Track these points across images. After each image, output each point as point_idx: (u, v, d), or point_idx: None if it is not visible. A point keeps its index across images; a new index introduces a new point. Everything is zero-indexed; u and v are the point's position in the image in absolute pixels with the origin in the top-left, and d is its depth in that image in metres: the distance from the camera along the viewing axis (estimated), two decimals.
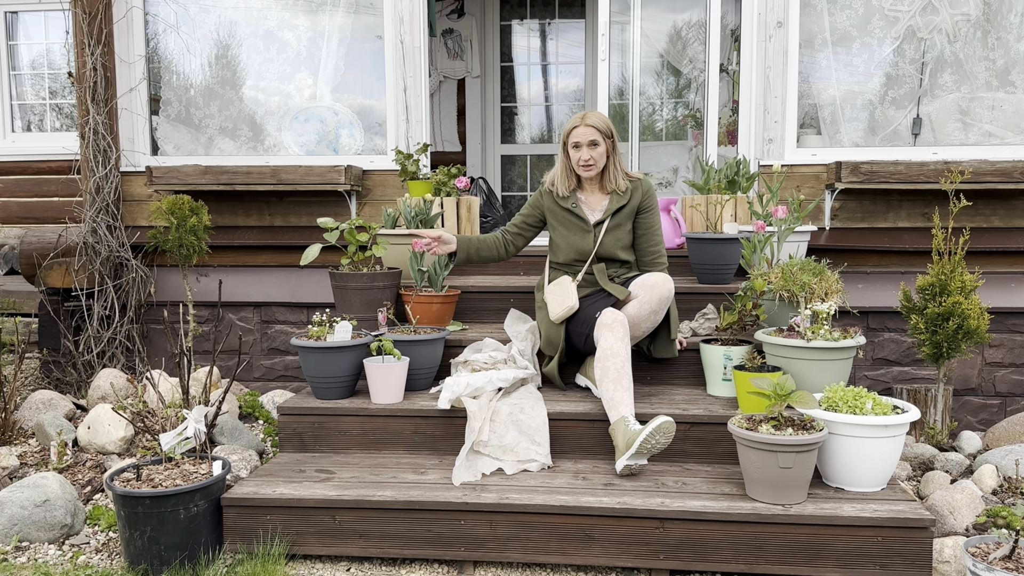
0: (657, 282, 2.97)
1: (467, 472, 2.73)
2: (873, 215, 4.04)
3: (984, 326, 3.14)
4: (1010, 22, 3.99)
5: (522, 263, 4.05)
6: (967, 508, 2.61)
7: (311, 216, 4.37)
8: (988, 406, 3.92)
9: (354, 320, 3.32)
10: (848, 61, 4.13)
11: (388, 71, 4.30)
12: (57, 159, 5.07)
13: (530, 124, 6.72)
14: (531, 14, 6.64)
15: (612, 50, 4.51)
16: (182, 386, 3.00)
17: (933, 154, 4.00)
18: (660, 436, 2.59)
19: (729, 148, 4.84)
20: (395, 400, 3.05)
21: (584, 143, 3.10)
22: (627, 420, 2.71)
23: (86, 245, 4.18)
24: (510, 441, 2.83)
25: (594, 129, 3.10)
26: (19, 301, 4.68)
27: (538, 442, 2.84)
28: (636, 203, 3.22)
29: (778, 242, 3.46)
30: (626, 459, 2.64)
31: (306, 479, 2.74)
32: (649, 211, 3.24)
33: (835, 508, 2.42)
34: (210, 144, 4.56)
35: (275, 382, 4.32)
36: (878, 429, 2.49)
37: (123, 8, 4.40)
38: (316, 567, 2.59)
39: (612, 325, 2.88)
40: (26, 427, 3.58)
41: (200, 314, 4.33)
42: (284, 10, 4.47)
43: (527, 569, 2.56)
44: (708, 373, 3.15)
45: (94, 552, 2.66)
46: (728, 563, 2.44)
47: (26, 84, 5.39)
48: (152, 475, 2.59)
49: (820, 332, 2.88)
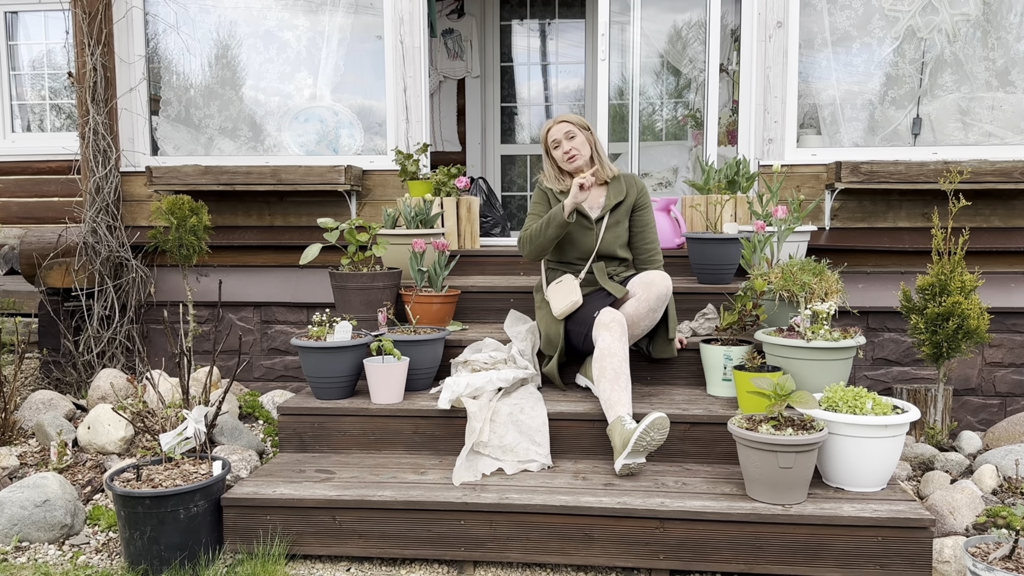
0: (655, 280, 2.99)
1: (467, 472, 2.73)
2: (873, 215, 4.04)
3: (984, 326, 3.14)
4: (1010, 22, 3.99)
5: (522, 263, 4.05)
6: (967, 508, 2.61)
7: (311, 216, 4.37)
8: (988, 406, 3.92)
9: (354, 320, 3.32)
10: (848, 61, 4.13)
11: (388, 71, 4.30)
12: (57, 159, 5.07)
13: (530, 124, 6.72)
14: (531, 14, 6.64)
15: (612, 50, 4.51)
16: (182, 386, 3.00)
17: (933, 154, 4.00)
18: (655, 432, 2.59)
19: (729, 148, 4.84)
20: (395, 400, 3.05)
21: (562, 138, 3.21)
22: (623, 420, 2.71)
23: (86, 245, 4.18)
24: (510, 441, 2.83)
25: (567, 123, 3.22)
26: (19, 301, 4.68)
27: (538, 442, 2.84)
28: (632, 200, 3.29)
29: (778, 242, 3.46)
30: (623, 458, 2.65)
31: (306, 479, 2.74)
32: (644, 209, 3.31)
33: (835, 508, 2.42)
34: (210, 144, 4.56)
35: (275, 382, 4.32)
36: (878, 429, 2.49)
37: (123, 8, 4.40)
38: (316, 567, 2.59)
39: (610, 325, 2.89)
40: (26, 427, 3.58)
41: (200, 314, 4.33)
42: (284, 10, 4.47)
43: (527, 569, 2.56)
44: (708, 373, 3.15)
45: (94, 552, 2.66)
46: (728, 563, 2.44)
47: (26, 84, 5.39)
48: (152, 475, 2.59)
49: (820, 332, 2.88)
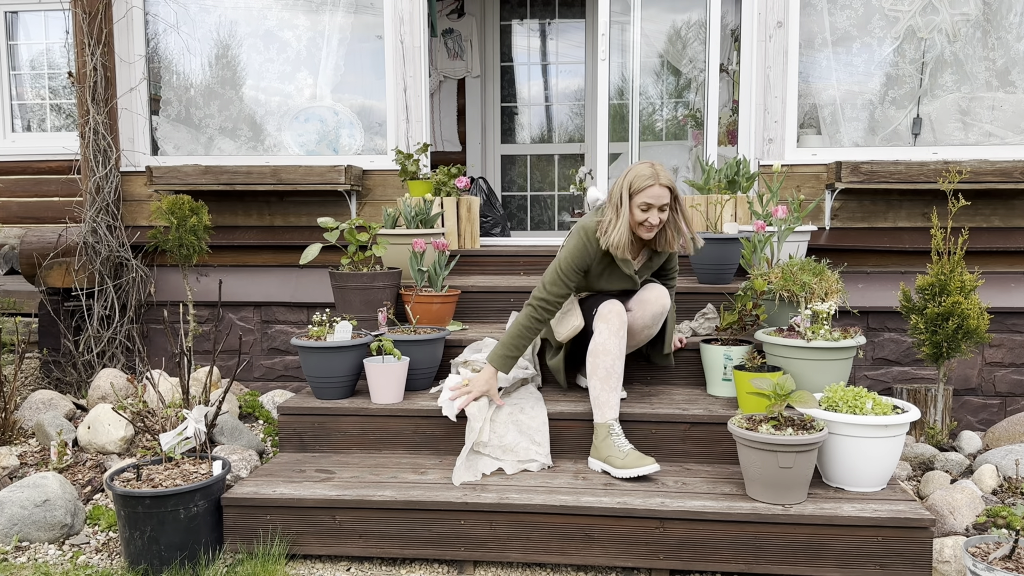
0: (650, 299, 2.93)
1: (467, 472, 2.73)
2: (873, 215, 4.04)
3: (984, 326, 3.14)
4: (1010, 22, 4.00)
5: (522, 263, 4.06)
6: (967, 508, 2.61)
7: (311, 216, 4.37)
8: (988, 406, 3.92)
9: (354, 320, 3.32)
10: (848, 61, 4.13)
11: (388, 71, 4.30)
12: (57, 159, 5.07)
13: (530, 124, 6.72)
14: (531, 14, 6.64)
15: (612, 50, 4.50)
16: (182, 386, 3.00)
17: (933, 154, 4.00)
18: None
19: (729, 148, 4.84)
20: (395, 400, 3.05)
21: (656, 205, 2.76)
22: (612, 428, 2.74)
23: (86, 245, 4.18)
24: (510, 441, 2.83)
25: (668, 191, 2.78)
26: (19, 301, 4.68)
27: (538, 442, 2.84)
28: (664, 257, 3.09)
29: (778, 242, 3.46)
30: (604, 466, 2.74)
31: (306, 479, 2.74)
32: (673, 256, 3.12)
33: (835, 508, 2.42)
34: (210, 144, 4.56)
35: (275, 382, 4.32)
36: (878, 429, 2.49)
37: (123, 8, 4.40)
38: (316, 567, 2.59)
39: (608, 316, 2.84)
40: (26, 427, 3.58)
41: (200, 314, 4.33)
42: (284, 10, 4.47)
43: (527, 569, 2.56)
44: (708, 373, 3.15)
45: (94, 552, 2.66)
46: (728, 563, 2.44)
47: (26, 84, 5.39)
48: (152, 475, 2.59)
49: (820, 332, 2.88)
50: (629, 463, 2.65)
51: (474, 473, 2.74)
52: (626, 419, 2.87)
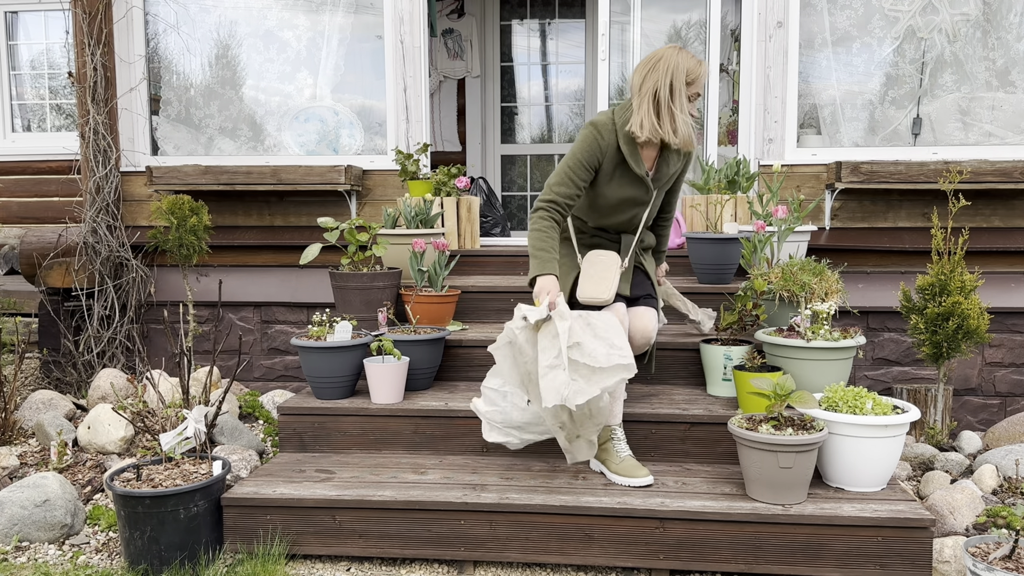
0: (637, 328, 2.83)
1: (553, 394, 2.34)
2: (873, 215, 4.04)
3: (984, 326, 3.14)
4: (1010, 22, 3.99)
5: (522, 263, 4.05)
6: (967, 508, 2.61)
7: (311, 216, 4.37)
8: (988, 406, 3.92)
9: (354, 320, 3.32)
10: (848, 61, 4.13)
11: (388, 71, 4.29)
12: (57, 159, 5.07)
13: (530, 124, 6.72)
14: (531, 14, 6.64)
15: (612, 50, 4.50)
16: (182, 386, 3.00)
17: (933, 154, 4.00)
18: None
19: (729, 148, 4.83)
20: (395, 400, 3.05)
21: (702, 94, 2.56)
22: (614, 433, 2.73)
23: (86, 245, 4.18)
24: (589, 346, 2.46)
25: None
26: (19, 301, 4.68)
27: (618, 345, 2.47)
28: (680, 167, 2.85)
29: (778, 242, 3.46)
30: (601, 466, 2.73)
31: (306, 479, 2.74)
32: (684, 172, 2.90)
33: (835, 508, 2.42)
34: (210, 144, 4.56)
35: (275, 382, 4.32)
36: (878, 429, 2.49)
37: (123, 8, 4.40)
38: (316, 567, 2.59)
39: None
40: (26, 427, 3.58)
41: (200, 314, 4.33)
42: (284, 10, 4.47)
43: (527, 569, 2.56)
44: (708, 373, 3.15)
45: (94, 552, 2.66)
46: (728, 563, 2.44)
47: (26, 84, 5.39)
48: (152, 475, 2.59)
49: (820, 332, 2.88)
50: (623, 471, 2.66)
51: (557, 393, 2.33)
52: (626, 419, 2.86)
